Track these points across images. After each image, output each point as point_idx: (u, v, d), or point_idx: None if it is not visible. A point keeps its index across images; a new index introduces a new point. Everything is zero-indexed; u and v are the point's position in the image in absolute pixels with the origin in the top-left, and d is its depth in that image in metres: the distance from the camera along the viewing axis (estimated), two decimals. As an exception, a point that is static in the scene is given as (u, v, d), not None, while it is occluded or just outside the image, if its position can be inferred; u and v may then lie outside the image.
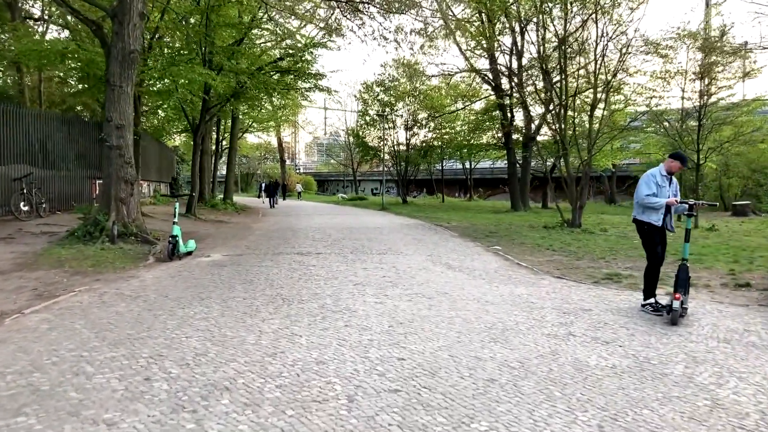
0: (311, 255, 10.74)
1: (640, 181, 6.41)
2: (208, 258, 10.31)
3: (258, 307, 6.13)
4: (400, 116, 39.31)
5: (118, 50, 11.09)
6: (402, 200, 39.29)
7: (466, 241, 14.16)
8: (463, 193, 57.44)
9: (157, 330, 5.15)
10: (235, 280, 7.89)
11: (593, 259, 10.74)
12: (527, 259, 10.68)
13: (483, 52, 29.74)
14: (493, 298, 6.75)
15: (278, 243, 12.93)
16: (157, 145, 25.67)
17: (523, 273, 9.01)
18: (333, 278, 8.07)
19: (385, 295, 6.82)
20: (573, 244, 13.41)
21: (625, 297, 7.10)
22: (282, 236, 14.66)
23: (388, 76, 37.77)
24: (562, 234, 16.04)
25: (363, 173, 64.33)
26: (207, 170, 25.10)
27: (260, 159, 68.35)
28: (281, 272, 8.55)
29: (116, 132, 11.27)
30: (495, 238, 14.68)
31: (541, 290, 7.42)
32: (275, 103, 29.53)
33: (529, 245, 13.08)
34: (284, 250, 11.58)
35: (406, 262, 9.91)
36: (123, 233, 11.18)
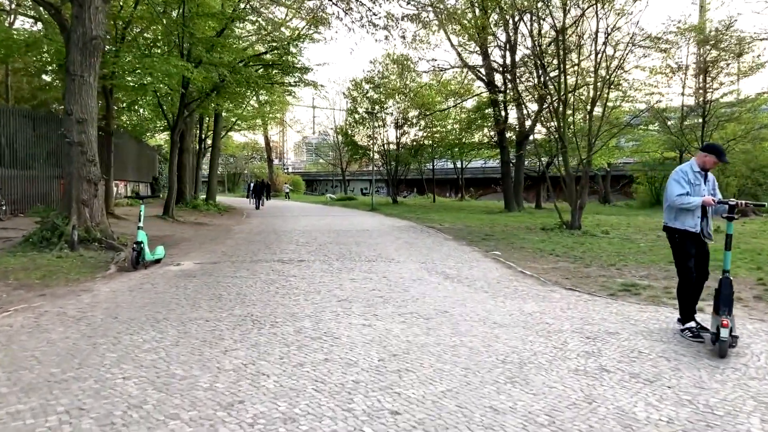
0: (293, 263, 9.71)
1: (669, 180, 5.43)
2: (177, 267, 9.26)
3: (222, 333, 5.10)
4: (390, 114, 38.32)
5: (78, 36, 10.01)
6: (392, 200, 38.29)
7: (462, 245, 13.18)
8: (455, 193, 56.53)
9: (90, 368, 4.12)
10: (202, 295, 6.85)
11: (603, 266, 9.79)
12: (531, 267, 9.71)
13: (476, 47, 28.81)
14: (501, 318, 5.76)
15: (258, 248, 11.89)
16: (136, 143, 24.52)
17: (529, 284, 8.03)
18: (315, 292, 7.04)
19: (375, 315, 5.81)
20: (576, 248, 12.47)
21: (650, 315, 6.13)
22: (264, 240, 13.61)
23: (378, 72, 36.78)
24: (562, 237, 15.10)
25: (352, 173, 63.26)
26: (188, 169, 23.98)
27: (247, 158, 67.09)
28: (256, 285, 7.52)
29: (77, 127, 10.19)
30: (492, 242, 13.71)
31: (555, 306, 6.44)
32: (261, 100, 28.45)
33: (530, 250, 12.12)
34: (264, 256, 10.54)
35: (397, 270, 8.90)
36: (85, 239, 10.11)
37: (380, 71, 36.62)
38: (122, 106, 20.68)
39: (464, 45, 29.90)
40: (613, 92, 18.25)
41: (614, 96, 19.11)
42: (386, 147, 38.77)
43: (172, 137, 17.54)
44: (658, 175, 35.41)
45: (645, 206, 35.11)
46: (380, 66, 36.44)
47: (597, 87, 17.40)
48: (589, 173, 17.65)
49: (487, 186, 52.97)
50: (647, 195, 36.40)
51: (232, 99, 19.75)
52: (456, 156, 42.68)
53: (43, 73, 18.02)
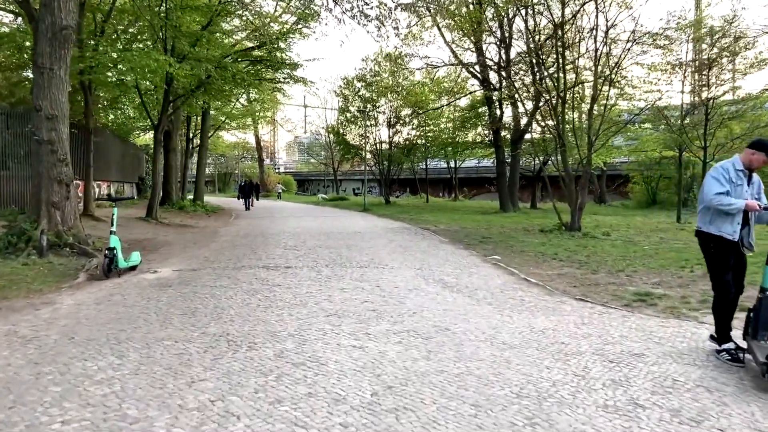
0: (279, 269, 9.02)
1: (706, 177, 4.75)
2: (153, 274, 8.56)
3: (191, 358, 4.42)
4: (382, 113, 37.61)
5: (47, 25, 9.29)
6: (385, 200, 37.62)
7: (459, 248, 12.53)
8: (448, 193, 55.90)
9: (25, 407, 3.43)
10: (176, 308, 6.16)
11: (611, 272, 9.16)
12: (535, 273, 9.07)
13: (470, 44, 28.20)
14: (510, 337, 5.10)
15: (243, 253, 11.19)
16: (120, 142, 23.73)
17: (535, 293, 7.39)
18: (301, 305, 6.36)
19: (367, 334, 5.14)
20: (579, 251, 11.85)
21: (674, 331, 5.50)
22: (250, 244, 12.91)
23: (370, 70, 36.06)
24: (562, 239, 14.50)
25: (344, 173, 62.56)
26: (174, 169, 23.21)
27: (238, 158, 66.22)
28: (236, 296, 6.83)
29: (47, 124, 9.47)
30: (490, 245, 13.08)
31: (567, 321, 5.79)
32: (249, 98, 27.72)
33: (531, 253, 11.49)
34: (248, 262, 9.85)
35: (392, 278, 8.24)
36: (55, 244, 9.39)
37: (372, 69, 35.92)
38: (105, 104, 19.98)
39: (458, 42, 29.29)
40: (612, 89, 17.64)
41: (613, 93, 18.48)
42: (378, 146, 38.09)
43: (156, 136, 16.78)
44: (654, 175, 34.92)
45: (641, 206, 34.61)
46: (372, 64, 35.75)
47: (597, 84, 16.80)
48: (589, 172, 17.04)
49: (480, 186, 52.38)
50: (643, 195, 35.90)
51: (219, 96, 19.02)
52: (449, 155, 42.07)
53: (20, 68, 17.25)
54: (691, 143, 18.81)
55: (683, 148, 21.74)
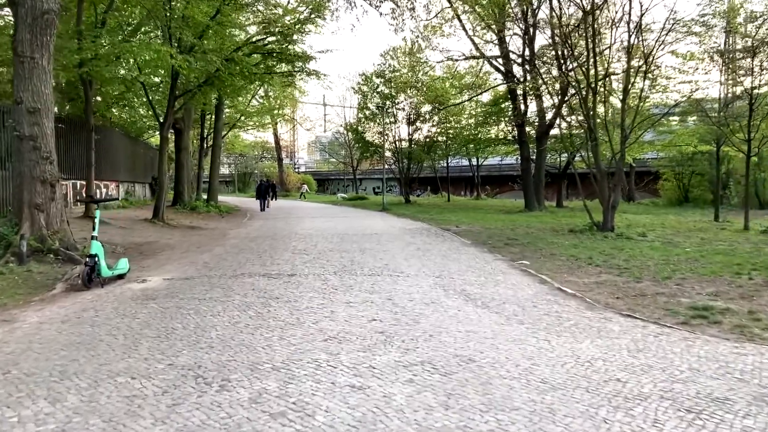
0: (281, 278, 8.06)
1: None
2: (141, 284, 7.66)
3: (143, 403, 3.46)
4: (401, 109, 36.59)
5: (26, 9, 8.45)
6: (405, 200, 36.57)
7: (482, 251, 11.47)
8: (470, 192, 54.66)
9: None
10: (150, 329, 5.23)
11: (656, 280, 8.04)
12: (570, 281, 7.99)
13: (492, 36, 27.05)
14: (551, 372, 4.05)
15: (247, 258, 10.26)
16: (130, 141, 23.04)
17: (573, 307, 6.32)
18: (296, 324, 5.39)
19: (371, 367, 4.13)
20: (616, 255, 10.73)
21: (755, 360, 4.41)
22: (257, 248, 11.99)
23: (389, 66, 35.05)
24: (595, 240, 13.36)
25: (364, 171, 61.62)
26: (186, 168, 22.45)
27: (257, 158, 65.67)
28: (225, 313, 5.88)
29: (29, 118, 8.63)
30: (517, 247, 12.00)
31: (619, 346, 4.73)
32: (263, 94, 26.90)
33: (563, 258, 10.39)
34: (250, 269, 8.91)
35: (407, 289, 7.22)
36: (38, 250, 8.56)
37: (391, 65, 34.90)
38: (111, 101, 19.29)
39: (480, 35, 28.12)
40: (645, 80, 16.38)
41: (645, 85, 17.19)
42: (398, 144, 37.05)
43: (162, 133, 15.98)
44: (685, 171, 33.39)
45: (672, 204, 33.13)
46: (390, 58, 34.72)
47: (630, 74, 15.60)
48: (622, 169, 15.85)
49: (503, 184, 50.98)
50: (674, 192, 34.39)
51: (228, 92, 18.11)
52: (471, 153, 40.88)
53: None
54: (732, 135, 17.47)
55: (721, 142, 20.40)
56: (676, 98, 21.42)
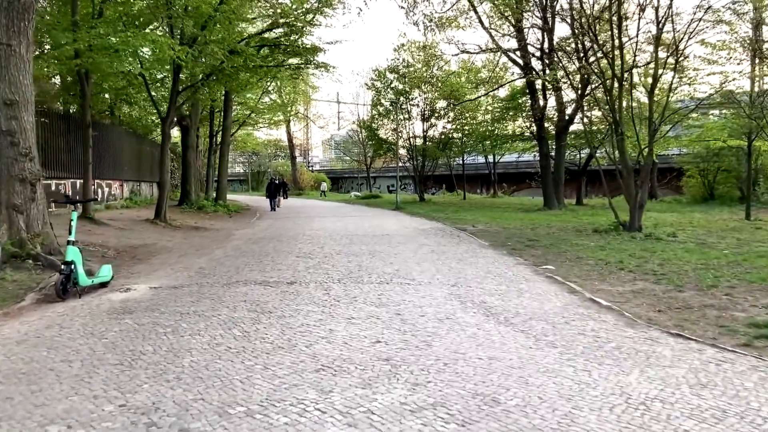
0: (279, 287, 7.26)
1: None
2: (124, 293, 6.89)
3: (69, 467, 2.67)
4: (416, 105, 35.66)
5: (1, -8, 7.72)
6: (419, 198, 35.68)
7: (502, 254, 10.59)
8: (486, 189, 53.60)
9: None
10: (114, 353, 4.45)
11: (701, 289, 7.13)
12: (602, 290, 7.11)
13: (508, 28, 26.05)
14: (597, 420, 3.19)
15: (246, 262, 9.48)
16: (136, 139, 22.39)
17: (611, 323, 5.45)
18: (286, 348, 4.57)
19: (369, 412, 3.29)
20: (648, 258, 9.81)
21: None
22: (260, 250, 11.22)
23: (402, 60, 34.15)
24: (622, 242, 12.43)
25: (378, 170, 60.76)
26: (193, 167, 21.77)
27: (271, 156, 65.08)
28: (206, 331, 5.08)
29: (5, 111, 7.91)
30: (539, 250, 11.11)
31: (676, 379, 3.85)
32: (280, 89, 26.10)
33: (591, 261, 9.49)
34: (247, 275, 8.12)
35: (418, 301, 6.38)
36: (16, 255, 7.83)
37: (405, 59, 34.00)
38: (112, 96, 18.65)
39: (496, 28, 27.12)
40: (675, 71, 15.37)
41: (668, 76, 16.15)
42: (412, 141, 36.13)
43: (163, 130, 15.26)
44: (710, 168, 32.14)
45: (697, 201, 31.90)
46: (405, 53, 33.82)
47: (658, 62, 14.60)
48: (650, 165, 14.85)
49: (521, 181, 49.85)
50: (699, 189, 33.14)
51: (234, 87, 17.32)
52: (488, 150, 39.88)
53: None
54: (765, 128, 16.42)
55: (753, 137, 19.31)
56: (705, 90, 20.39)
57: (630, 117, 15.11)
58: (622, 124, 14.58)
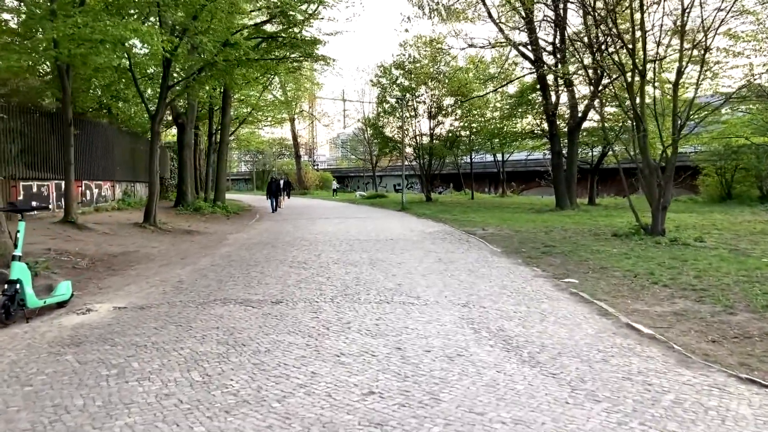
0: (262, 307, 6.26)
1: None
2: (82, 316, 5.92)
3: None
4: (422, 102, 34.58)
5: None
6: (426, 198, 34.64)
7: (517, 263, 9.57)
8: (495, 189, 52.46)
9: None
10: (29, 412, 3.47)
11: (754, 310, 6.09)
12: (638, 311, 6.08)
13: (518, 20, 24.94)
14: None
15: (231, 274, 8.50)
16: (130, 137, 21.44)
17: (659, 360, 4.42)
18: (252, 404, 3.56)
19: None
20: (680, 267, 8.77)
21: None
22: (250, 258, 10.24)
23: (408, 56, 33.10)
24: (647, 247, 11.38)
25: (384, 168, 59.75)
26: (189, 167, 20.80)
27: (276, 155, 64.17)
28: (160, 374, 4.09)
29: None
30: (557, 257, 10.08)
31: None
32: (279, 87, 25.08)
33: (617, 273, 8.45)
34: (228, 292, 7.13)
35: (423, 329, 5.36)
36: (-36, 269, 6.86)
37: (411, 55, 32.95)
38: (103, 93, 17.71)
39: (506, 17, 25.97)
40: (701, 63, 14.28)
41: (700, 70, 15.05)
42: (419, 139, 35.04)
43: (153, 127, 14.26)
44: (728, 166, 30.93)
45: (714, 201, 30.67)
46: (411, 49, 32.76)
47: (683, 53, 13.51)
48: (674, 163, 13.76)
49: (530, 180, 48.65)
50: (716, 189, 31.91)
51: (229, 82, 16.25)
52: (496, 148, 38.76)
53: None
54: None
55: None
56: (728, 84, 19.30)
57: (653, 112, 14.05)
58: (644, 120, 13.51)
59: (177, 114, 20.29)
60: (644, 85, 13.42)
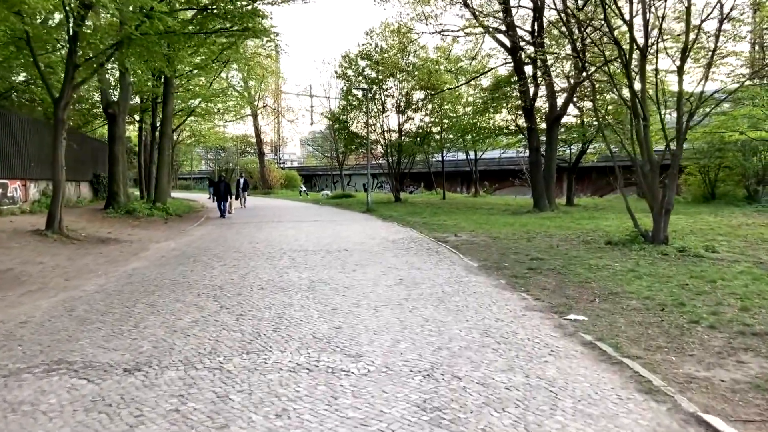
0: (105, 379, 3.90)
1: None
2: None
3: None
4: (391, 96, 32.26)
5: None
6: (394, 198, 32.36)
7: (500, 286, 7.36)
8: (467, 188, 50.47)
9: None
10: None
11: None
12: (695, 382, 3.90)
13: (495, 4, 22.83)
14: None
15: (106, 310, 6.09)
16: (50, 130, 18.63)
17: None
18: None
19: None
20: (713, 293, 6.69)
21: None
22: (151, 282, 7.83)
23: (375, 46, 30.78)
24: (654, 260, 9.35)
25: (353, 167, 57.32)
26: (122, 163, 18.11)
27: (239, 152, 61.22)
28: None
29: None
30: (549, 277, 7.90)
31: None
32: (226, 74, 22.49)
33: (634, 303, 6.28)
34: (72, 347, 4.74)
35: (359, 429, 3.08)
36: None
37: (378, 45, 30.62)
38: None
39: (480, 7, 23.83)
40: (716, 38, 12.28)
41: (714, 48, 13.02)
42: (387, 135, 32.68)
43: (56, 114, 11.56)
44: (711, 164, 29.31)
45: (697, 201, 29.02)
46: (378, 38, 30.45)
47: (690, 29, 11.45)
48: (680, 157, 11.72)
49: (503, 179, 46.66)
50: (699, 188, 30.28)
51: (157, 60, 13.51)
52: (469, 145, 36.67)
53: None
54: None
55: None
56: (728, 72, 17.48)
57: (653, 100, 12.01)
58: (646, 109, 11.43)
59: (107, 103, 17.67)
60: (645, 65, 11.32)
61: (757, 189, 26.23)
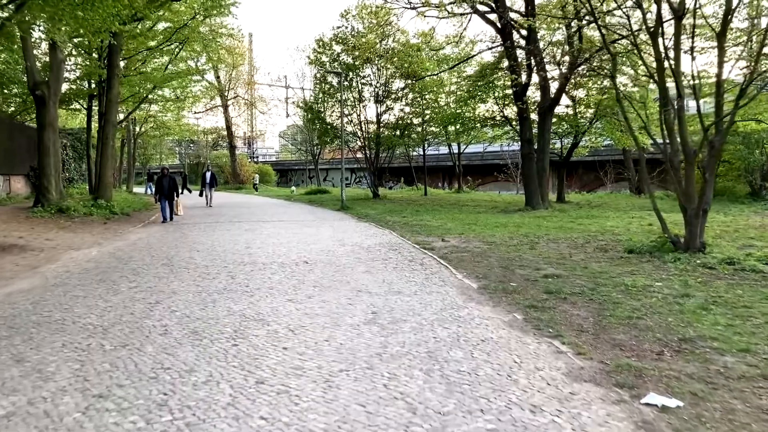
0: None
1: None
2: None
3: None
4: (368, 84, 29.79)
5: None
6: (372, 194, 29.96)
7: (518, 326, 5.06)
8: (449, 183, 48.23)
9: None
10: None
11: None
12: None
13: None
14: None
15: None
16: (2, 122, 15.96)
17: None
18: None
19: None
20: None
21: None
22: (6, 323, 5.41)
23: (351, 29, 28.31)
24: (704, 279, 7.19)
25: (330, 161, 54.72)
26: (53, 154, 15.41)
27: (208, 146, 58.31)
28: None
29: None
30: (580, 308, 5.65)
31: None
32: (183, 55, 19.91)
33: (730, 361, 4.02)
34: None
35: None
36: None
37: (354, 28, 28.15)
38: None
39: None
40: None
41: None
42: (364, 126, 30.23)
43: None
44: (709, 158, 27.45)
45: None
46: (354, 20, 27.96)
47: None
48: (720, 145, 9.55)
49: (487, 174, 44.45)
50: (697, 184, 28.42)
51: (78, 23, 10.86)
52: (452, 138, 34.38)
53: None
54: None
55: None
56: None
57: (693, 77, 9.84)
58: (681, 85, 9.23)
59: (35, 83, 15.01)
60: (680, 29, 9.09)
61: (762, 185, 24.31)
